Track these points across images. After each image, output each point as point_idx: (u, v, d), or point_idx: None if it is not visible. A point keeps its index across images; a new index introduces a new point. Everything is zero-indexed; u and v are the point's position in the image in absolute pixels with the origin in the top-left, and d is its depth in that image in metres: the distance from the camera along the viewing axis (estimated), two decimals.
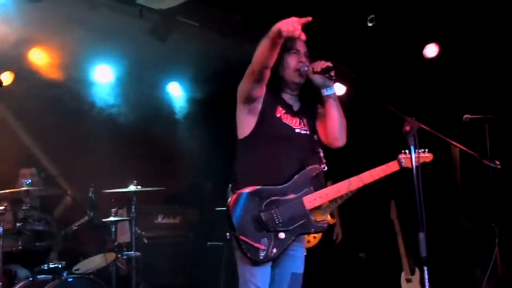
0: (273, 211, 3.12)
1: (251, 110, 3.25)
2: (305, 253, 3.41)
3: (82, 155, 6.31)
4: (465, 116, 4.56)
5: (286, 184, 3.19)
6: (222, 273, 6.09)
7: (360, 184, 3.34)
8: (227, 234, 3.17)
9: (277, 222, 3.12)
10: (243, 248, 3.07)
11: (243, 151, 3.26)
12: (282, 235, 3.13)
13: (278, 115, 3.26)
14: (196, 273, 6.48)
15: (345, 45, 6.18)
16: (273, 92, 3.30)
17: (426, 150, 3.53)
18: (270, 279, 3.23)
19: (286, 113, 3.30)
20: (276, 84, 3.31)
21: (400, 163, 3.37)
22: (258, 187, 3.14)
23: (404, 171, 3.35)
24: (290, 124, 3.29)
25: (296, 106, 3.38)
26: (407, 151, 3.31)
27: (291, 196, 3.19)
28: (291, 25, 2.84)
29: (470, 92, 6.15)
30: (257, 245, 3.07)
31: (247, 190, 3.13)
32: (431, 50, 6.55)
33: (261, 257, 3.07)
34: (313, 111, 3.45)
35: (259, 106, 3.24)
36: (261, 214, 3.10)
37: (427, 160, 3.51)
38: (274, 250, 3.10)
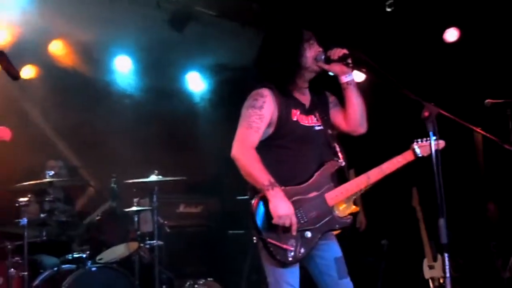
0: (297, 210, 3.11)
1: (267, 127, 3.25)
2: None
3: (103, 146, 6.36)
4: (486, 100, 4.52)
5: (307, 183, 3.21)
6: (246, 262, 6.13)
7: (380, 176, 3.34)
8: (254, 238, 3.18)
9: (302, 222, 3.13)
10: (271, 251, 3.08)
11: (263, 153, 3.21)
12: (308, 234, 3.15)
13: (294, 119, 3.25)
14: (218, 262, 6.51)
15: (364, 31, 6.15)
16: (285, 93, 3.28)
17: (437, 137, 3.49)
18: (316, 269, 3.27)
19: (301, 113, 3.28)
20: (291, 75, 3.30)
21: (414, 152, 3.35)
22: (280, 188, 3.13)
23: (425, 158, 3.33)
24: (307, 124, 3.29)
25: (307, 102, 3.36)
26: (419, 140, 3.30)
27: (314, 194, 3.20)
28: (288, 221, 3.01)
29: (492, 77, 6.08)
30: (285, 246, 3.08)
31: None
32: (451, 34, 6.48)
33: (290, 259, 3.10)
34: (324, 102, 3.43)
35: (272, 122, 3.22)
36: None
37: (440, 147, 3.46)
38: (302, 250, 3.13)
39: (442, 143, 3.46)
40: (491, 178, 6.52)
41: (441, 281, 6.32)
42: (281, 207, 3.01)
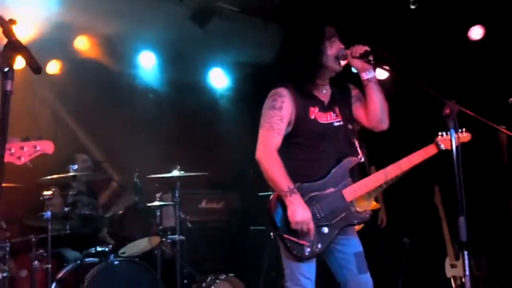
0: (314, 206, 3.16)
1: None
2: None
3: (127, 141, 6.41)
4: (511, 99, 4.48)
5: (324, 179, 3.24)
6: (265, 259, 6.14)
7: (399, 172, 3.35)
8: (271, 234, 3.21)
9: (319, 217, 3.16)
10: (288, 246, 3.13)
11: (282, 150, 3.27)
12: (325, 229, 3.18)
13: (312, 117, 3.28)
14: (239, 258, 6.53)
15: (387, 28, 6.11)
16: (303, 91, 3.30)
17: (464, 129, 3.47)
18: (336, 263, 3.30)
19: (319, 111, 3.31)
20: (312, 73, 3.31)
21: (438, 145, 3.35)
22: (297, 184, 3.17)
23: (449, 154, 3.31)
24: (326, 121, 3.31)
25: (327, 98, 3.37)
26: (444, 133, 3.29)
27: (331, 190, 3.23)
28: (305, 226, 3.06)
29: None
30: (302, 242, 3.12)
31: None
32: (476, 33, 6.41)
33: (306, 254, 3.14)
34: (346, 96, 3.44)
35: (291, 121, 3.27)
36: None
37: (465, 140, 3.45)
38: (319, 246, 3.16)
39: (468, 136, 3.44)
40: None
41: (463, 280, 6.27)
42: (299, 213, 3.06)
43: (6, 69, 2.06)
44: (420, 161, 3.36)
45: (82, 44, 6.38)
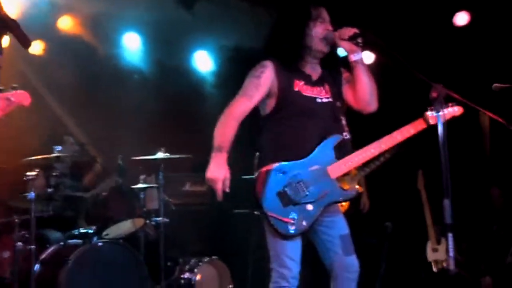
0: (298, 184, 3.16)
1: (267, 97, 3.29)
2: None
3: (111, 123, 6.38)
4: (494, 85, 4.50)
5: (309, 156, 3.22)
6: (249, 242, 6.14)
7: (382, 148, 3.32)
8: (255, 212, 3.21)
9: (303, 195, 3.16)
10: (272, 224, 3.13)
11: (266, 128, 3.31)
12: (310, 206, 3.18)
13: (296, 89, 3.27)
14: (223, 240, 6.55)
15: (374, 12, 6.11)
16: (288, 65, 3.30)
17: (454, 103, 3.41)
18: (321, 244, 3.30)
19: (305, 84, 3.30)
20: (296, 54, 3.32)
21: (426, 120, 3.31)
22: (281, 163, 3.18)
23: (432, 140, 3.31)
24: (311, 95, 3.30)
25: (316, 74, 3.37)
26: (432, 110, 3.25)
27: (315, 167, 3.22)
28: (214, 185, 3.12)
29: (501, 62, 6.05)
30: (286, 219, 3.13)
31: (270, 167, 3.18)
32: (461, 18, 6.45)
33: (291, 231, 3.14)
34: (337, 77, 3.44)
35: (272, 93, 3.27)
36: (286, 189, 3.14)
37: (457, 114, 3.39)
38: (304, 223, 3.16)
39: (459, 110, 3.39)
40: (497, 163, 6.51)
41: (444, 264, 6.35)
42: (212, 170, 3.11)
43: None
44: (406, 137, 3.31)
45: (66, 24, 6.32)
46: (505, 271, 6.24)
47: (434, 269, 6.41)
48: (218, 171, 3.11)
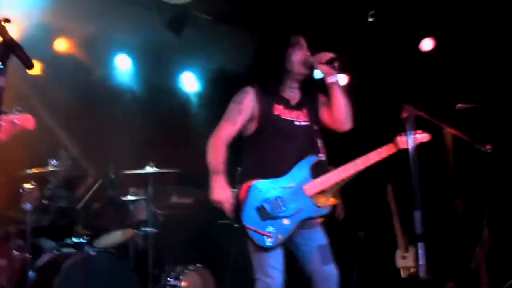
0: (275, 200, 3.17)
1: (249, 120, 3.32)
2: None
3: (103, 139, 6.33)
4: (458, 105, 4.55)
5: (286, 175, 3.24)
6: (231, 251, 6.12)
7: (356, 169, 3.36)
8: (235, 225, 3.22)
9: (280, 210, 3.17)
10: (251, 237, 3.14)
11: (249, 147, 3.34)
12: (286, 221, 3.19)
13: (276, 113, 3.30)
14: (207, 249, 6.51)
15: (348, 39, 6.17)
16: (268, 90, 3.33)
17: (421, 131, 3.48)
18: (301, 256, 3.32)
19: (284, 107, 3.33)
20: (276, 80, 3.34)
21: (396, 145, 3.37)
22: (261, 180, 3.20)
23: (401, 156, 3.36)
24: (289, 118, 3.33)
25: (295, 99, 3.40)
26: (402, 134, 3.31)
27: (292, 185, 3.24)
28: (221, 206, 3.16)
29: (464, 83, 6.13)
30: (263, 232, 3.14)
31: (250, 183, 3.20)
32: (427, 44, 6.55)
33: (268, 244, 3.15)
34: (314, 101, 3.46)
35: (254, 117, 3.29)
36: (264, 204, 3.15)
37: (425, 140, 3.47)
38: (280, 236, 3.17)
39: (427, 137, 3.47)
40: (459, 177, 6.57)
41: (412, 270, 6.38)
42: (216, 192, 3.15)
43: (0, 66, 2.00)
44: (378, 160, 3.37)
45: (61, 46, 6.31)
46: (468, 276, 6.28)
47: (403, 275, 6.43)
48: (221, 192, 3.15)
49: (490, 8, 5.79)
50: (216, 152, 3.25)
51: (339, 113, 3.37)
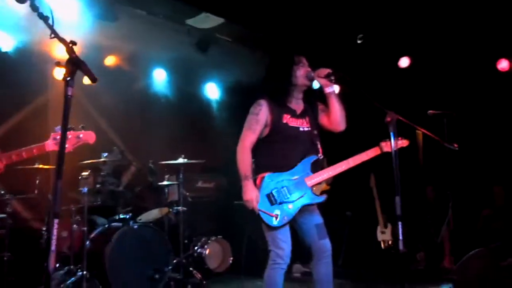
0: (282, 189, 3.19)
1: (263, 127, 3.31)
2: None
3: (143, 136, 6.40)
4: (428, 111, 4.53)
5: (292, 170, 3.26)
6: (246, 226, 6.13)
7: (348, 166, 3.38)
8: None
9: (285, 197, 3.18)
10: (262, 218, 3.14)
11: (262, 147, 3.31)
12: (290, 206, 3.20)
13: (285, 121, 3.30)
14: (226, 224, 6.53)
15: (341, 57, 6.17)
16: (279, 102, 3.33)
17: (401, 137, 3.50)
18: (302, 232, 3.31)
19: (291, 117, 3.33)
20: (285, 91, 3.34)
21: (381, 148, 3.39)
22: (271, 172, 3.20)
23: (382, 153, 3.38)
24: (295, 125, 3.33)
25: (299, 109, 3.39)
26: (387, 139, 3.32)
27: (296, 177, 3.25)
28: (250, 204, 3.12)
29: (434, 93, 6.12)
30: (272, 214, 3.14)
31: (263, 175, 3.20)
32: (404, 62, 6.53)
33: (275, 224, 3.15)
34: (315, 110, 3.46)
35: (267, 124, 3.29)
36: (273, 192, 3.17)
37: (404, 145, 3.50)
38: (285, 217, 3.18)
39: (406, 142, 3.49)
40: (430, 169, 6.56)
41: (390, 242, 6.38)
42: (247, 194, 3.12)
43: (68, 79, 2.02)
44: (366, 159, 3.40)
45: (110, 61, 6.34)
46: (435, 248, 6.29)
47: (382, 246, 6.43)
48: (251, 194, 3.12)
49: (456, 32, 5.77)
50: (244, 160, 3.20)
51: (335, 116, 3.37)
